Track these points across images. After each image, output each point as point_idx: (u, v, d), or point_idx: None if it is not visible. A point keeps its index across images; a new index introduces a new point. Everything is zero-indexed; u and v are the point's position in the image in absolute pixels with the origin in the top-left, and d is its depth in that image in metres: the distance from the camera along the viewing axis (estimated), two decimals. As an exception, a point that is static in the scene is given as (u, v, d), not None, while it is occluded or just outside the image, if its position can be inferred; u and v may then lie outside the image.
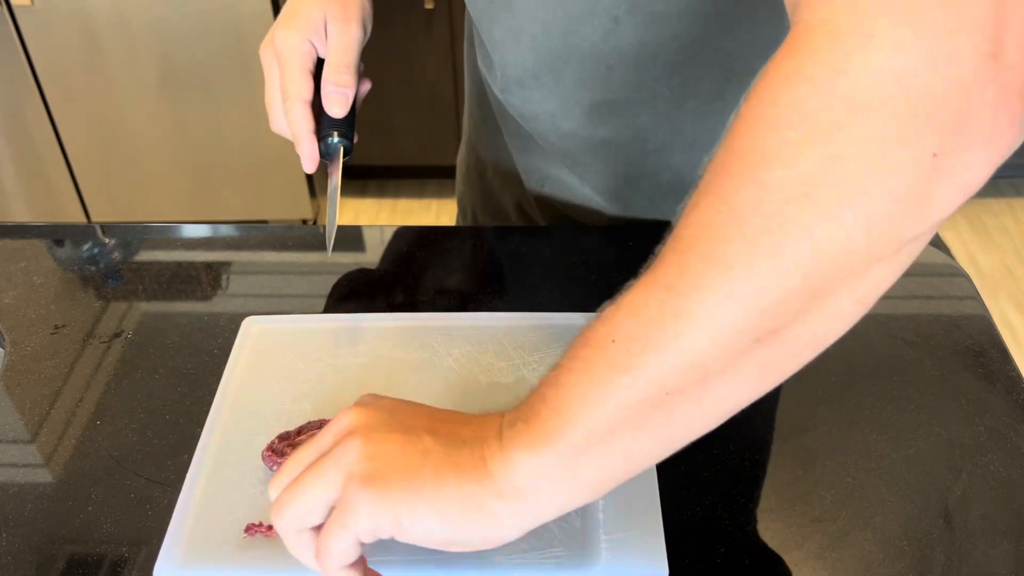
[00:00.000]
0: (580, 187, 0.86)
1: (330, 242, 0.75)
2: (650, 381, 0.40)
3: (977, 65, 0.34)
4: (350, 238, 0.89)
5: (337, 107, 0.72)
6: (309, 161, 0.72)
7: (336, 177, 0.74)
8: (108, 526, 0.60)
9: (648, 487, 0.60)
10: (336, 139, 0.73)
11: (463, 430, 0.46)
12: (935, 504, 0.60)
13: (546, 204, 0.91)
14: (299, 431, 0.63)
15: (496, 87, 0.83)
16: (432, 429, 0.46)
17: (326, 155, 0.74)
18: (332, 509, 0.46)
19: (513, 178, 0.94)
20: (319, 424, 0.63)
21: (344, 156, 0.74)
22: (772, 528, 0.59)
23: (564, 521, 0.58)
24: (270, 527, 0.57)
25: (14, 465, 0.65)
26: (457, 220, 1.08)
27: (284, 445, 0.61)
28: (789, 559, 0.57)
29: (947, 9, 0.34)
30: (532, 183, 0.90)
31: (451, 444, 0.45)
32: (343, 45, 0.72)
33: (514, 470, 0.43)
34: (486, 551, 0.54)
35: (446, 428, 0.46)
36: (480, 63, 0.88)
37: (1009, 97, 0.35)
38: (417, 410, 0.49)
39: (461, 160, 1.05)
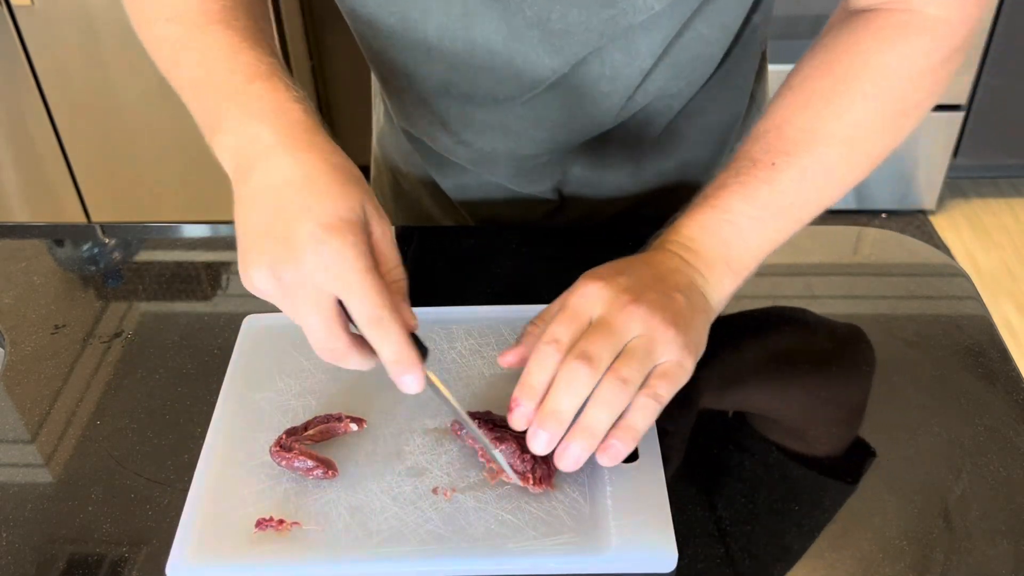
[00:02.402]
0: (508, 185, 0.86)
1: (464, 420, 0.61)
2: (822, 205, 0.67)
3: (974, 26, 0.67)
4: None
5: (411, 313, 0.58)
6: (420, 381, 0.57)
7: (437, 382, 0.59)
8: (108, 526, 0.60)
9: (654, 472, 0.60)
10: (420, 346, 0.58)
11: (678, 279, 0.63)
12: (935, 504, 0.60)
13: (474, 207, 0.91)
14: (306, 426, 0.63)
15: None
16: (668, 286, 0.62)
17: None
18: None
19: (430, 184, 0.92)
20: (325, 419, 0.63)
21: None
22: (772, 528, 0.59)
23: (573, 508, 0.58)
24: (280, 521, 0.58)
25: (14, 465, 0.65)
26: None
27: (292, 441, 0.61)
28: (789, 559, 0.57)
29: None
30: (453, 194, 0.90)
31: (687, 293, 0.62)
32: (390, 238, 0.58)
33: (724, 299, 0.66)
34: (498, 540, 0.56)
35: (669, 281, 0.62)
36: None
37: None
38: (641, 274, 0.62)
39: (374, 163, 1.03)
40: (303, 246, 0.53)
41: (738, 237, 0.65)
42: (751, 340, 0.74)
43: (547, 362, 0.58)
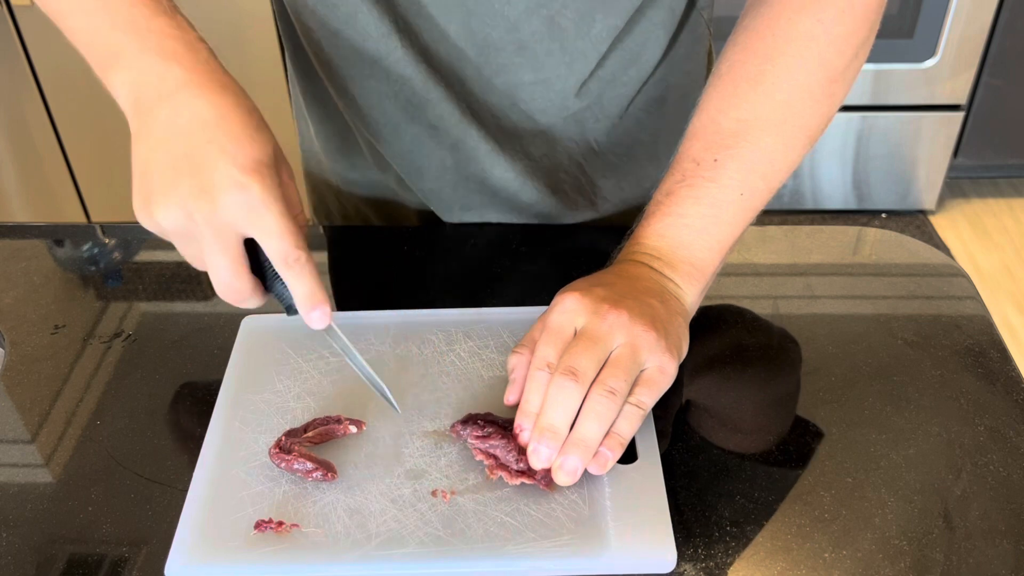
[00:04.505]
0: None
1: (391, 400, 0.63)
2: (770, 192, 0.68)
3: None
4: (348, 238, 0.89)
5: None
6: (328, 316, 0.58)
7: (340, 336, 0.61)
8: (108, 526, 0.60)
9: (653, 474, 0.60)
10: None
11: (650, 285, 0.65)
12: (935, 504, 0.60)
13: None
14: (305, 428, 0.63)
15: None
16: (642, 293, 0.64)
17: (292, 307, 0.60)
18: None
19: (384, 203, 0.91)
20: (325, 421, 0.63)
21: None
22: (772, 528, 0.59)
23: (571, 509, 0.58)
24: (280, 523, 0.58)
25: (14, 465, 0.65)
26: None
27: (291, 442, 0.61)
28: (789, 559, 0.57)
29: None
30: (444, 213, 0.88)
31: (662, 298, 0.64)
32: (294, 183, 0.59)
33: (697, 299, 0.68)
34: (497, 543, 0.56)
35: (642, 288, 0.64)
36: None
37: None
38: (615, 284, 0.64)
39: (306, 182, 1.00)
40: (222, 187, 0.54)
41: (697, 238, 0.67)
42: (752, 340, 0.74)
43: (542, 383, 0.60)
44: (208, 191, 0.54)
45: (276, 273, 0.58)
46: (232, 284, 0.57)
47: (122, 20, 0.58)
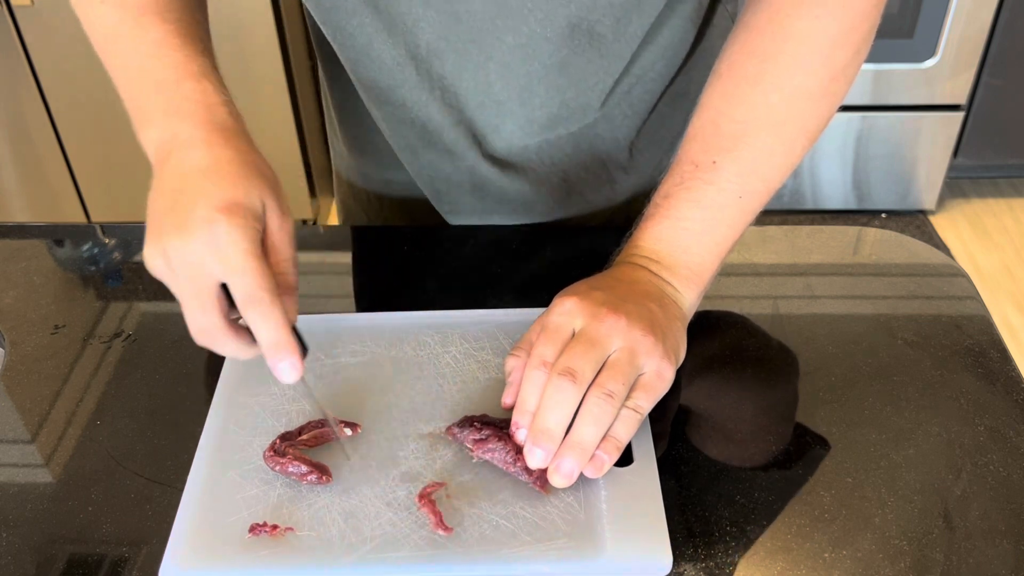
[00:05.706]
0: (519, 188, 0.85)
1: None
2: (769, 193, 0.68)
3: None
4: (345, 238, 0.89)
5: (295, 310, 0.58)
6: (297, 368, 0.57)
7: (307, 382, 0.60)
8: (108, 526, 0.60)
9: (649, 476, 0.60)
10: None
11: (649, 289, 0.65)
12: (935, 504, 0.60)
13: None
14: (300, 431, 0.63)
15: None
16: (641, 297, 0.64)
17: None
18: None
19: (413, 205, 0.91)
20: (319, 424, 0.63)
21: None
22: (772, 528, 0.59)
23: (568, 513, 0.58)
24: (274, 526, 0.58)
25: (14, 465, 0.65)
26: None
27: (286, 446, 0.61)
28: (789, 559, 0.57)
29: None
30: (446, 213, 0.89)
31: (660, 303, 0.64)
32: (288, 235, 0.58)
33: (695, 303, 0.68)
34: (493, 546, 0.56)
35: (641, 292, 0.64)
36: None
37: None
38: (614, 288, 0.64)
39: (339, 194, 1.01)
40: (194, 226, 0.54)
41: (696, 242, 0.66)
42: (749, 343, 0.74)
43: (539, 383, 0.60)
44: (183, 231, 0.55)
45: None
46: (198, 321, 0.56)
47: (154, 84, 0.62)
